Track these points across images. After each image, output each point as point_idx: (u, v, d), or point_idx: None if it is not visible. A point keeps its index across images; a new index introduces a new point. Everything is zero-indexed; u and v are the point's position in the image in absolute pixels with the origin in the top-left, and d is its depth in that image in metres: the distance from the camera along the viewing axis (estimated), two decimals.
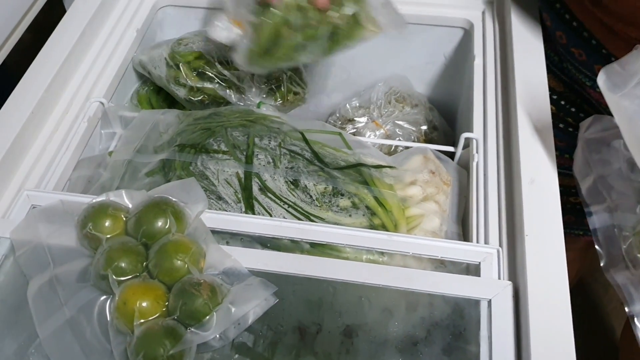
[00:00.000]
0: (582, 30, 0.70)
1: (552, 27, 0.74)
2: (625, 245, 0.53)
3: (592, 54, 0.70)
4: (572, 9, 0.71)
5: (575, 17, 0.70)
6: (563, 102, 0.80)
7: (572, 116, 0.81)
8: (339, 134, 0.73)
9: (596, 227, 0.55)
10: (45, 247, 0.59)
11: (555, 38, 0.74)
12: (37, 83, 0.71)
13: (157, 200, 0.58)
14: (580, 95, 0.78)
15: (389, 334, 0.55)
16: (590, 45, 0.70)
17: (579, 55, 0.71)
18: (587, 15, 0.69)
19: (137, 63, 0.83)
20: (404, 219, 0.65)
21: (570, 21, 0.71)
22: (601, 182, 0.56)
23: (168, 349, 0.49)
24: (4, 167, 0.65)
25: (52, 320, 0.55)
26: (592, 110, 0.78)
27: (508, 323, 0.54)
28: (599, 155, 0.56)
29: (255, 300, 0.53)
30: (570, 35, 0.72)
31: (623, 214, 0.54)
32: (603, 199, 0.55)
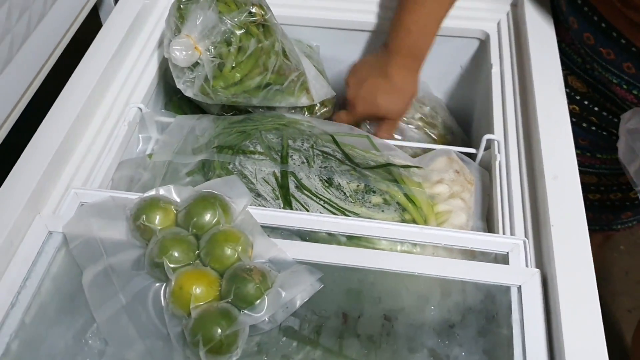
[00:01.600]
0: (611, 31, 0.74)
1: (579, 29, 0.79)
2: None
3: (622, 53, 0.74)
4: (601, 11, 0.75)
5: (604, 18, 0.75)
6: (586, 102, 0.85)
7: (596, 115, 0.85)
8: (367, 136, 0.78)
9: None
10: (97, 240, 0.62)
11: (582, 40, 0.79)
12: (80, 89, 0.75)
13: (205, 194, 0.62)
14: (604, 94, 0.82)
15: (426, 317, 0.58)
16: (619, 44, 0.74)
17: (607, 54, 0.76)
18: (616, 16, 0.73)
19: (169, 76, 0.87)
20: (433, 215, 0.69)
21: (598, 22, 0.76)
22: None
23: (224, 329, 0.52)
24: (53, 167, 0.69)
25: (108, 306, 0.58)
26: (615, 108, 0.83)
27: (538, 308, 0.58)
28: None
29: (302, 285, 0.57)
30: (598, 36, 0.76)
31: None
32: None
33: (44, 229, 0.65)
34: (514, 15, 0.89)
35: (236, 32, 0.74)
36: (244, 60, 0.74)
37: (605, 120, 0.86)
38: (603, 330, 0.54)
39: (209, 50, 0.73)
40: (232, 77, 0.75)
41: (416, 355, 0.56)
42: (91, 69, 0.78)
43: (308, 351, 0.56)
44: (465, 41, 0.93)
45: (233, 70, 0.74)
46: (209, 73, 0.73)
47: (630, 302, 1.60)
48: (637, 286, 1.66)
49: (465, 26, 0.91)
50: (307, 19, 0.94)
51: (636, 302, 1.59)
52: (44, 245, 0.64)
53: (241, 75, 0.75)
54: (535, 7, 0.85)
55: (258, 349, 0.56)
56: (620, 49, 0.75)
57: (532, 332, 0.56)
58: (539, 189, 0.66)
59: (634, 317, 1.36)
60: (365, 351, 0.56)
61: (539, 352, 0.55)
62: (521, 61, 0.82)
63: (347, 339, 0.57)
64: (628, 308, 1.58)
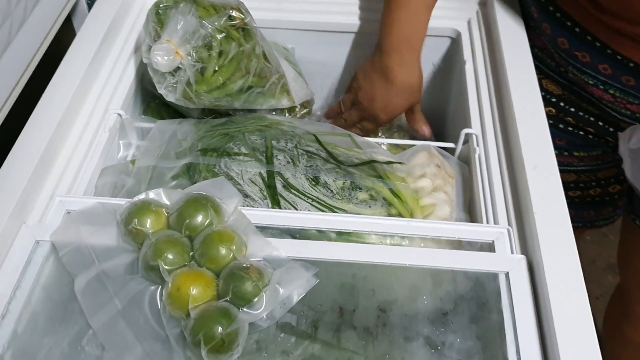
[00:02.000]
0: (586, 35, 0.77)
1: (553, 35, 0.82)
2: None
3: (597, 55, 0.77)
4: (574, 16, 0.78)
5: (578, 23, 0.77)
6: (562, 103, 0.88)
7: (572, 116, 0.88)
8: (349, 135, 0.79)
9: None
10: (88, 246, 0.62)
11: (556, 44, 0.81)
12: (59, 97, 0.75)
13: (197, 196, 0.62)
14: (579, 95, 0.85)
15: (420, 307, 0.60)
16: (594, 47, 0.77)
17: (583, 57, 0.78)
18: (589, 20, 0.76)
19: (148, 82, 0.87)
20: (419, 208, 0.71)
21: (572, 27, 0.78)
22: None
23: (225, 328, 0.53)
24: (36, 176, 0.68)
25: (104, 311, 0.58)
26: (591, 108, 0.86)
27: (526, 292, 0.60)
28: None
29: (298, 281, 0.58)
30: (573, 41, 0.79)
31: None
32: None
33: (31, 238, 0.64)
34: (484, 13, 0.92)
35: (217, 36, 0.74)
36: (225, 64, 0.75)
37: (582, 120, 0.89)
38: (590, 309, 0.57)
39: (190, 54, 0.73)
40: (214, 81, 0.75)
41: (412, 344, 0.57)
42: (69, 77, 0.77)
43: (307, 346, 0.57)
44: (437, 40, 0.95)
45: (215, 74, 0.75)
46: (191, 77, 0.73)
47: (597, 289, 1.65)
48: (604, 273, 1.71)
49: (437, 25, 0.93)
50: (281, 22, 0.95)
51: (603, 289, 1.64)
52: (31, 255, 0.63)
53: (223, 79, 0.75)
54: (503, 5, 0.88)
55: (257, 346, 0.57)
56: (595, 51, 0.78)
57: (522, 315, 0.58)
58: (520, 179, 0.68)
59: (602, 304, 1.40)
60: (363, 342, 0.57)
61: (530, 334, 0.57)
62: (493, 57, 0.85)
63: (344, 332, 0.58)
64: (596, 295, 1.63)
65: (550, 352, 0.55)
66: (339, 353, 0.57)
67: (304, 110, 0.89)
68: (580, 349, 0.54)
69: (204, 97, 0.75)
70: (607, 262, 1.72)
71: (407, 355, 0.57)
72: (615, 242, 1.76)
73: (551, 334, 0.55)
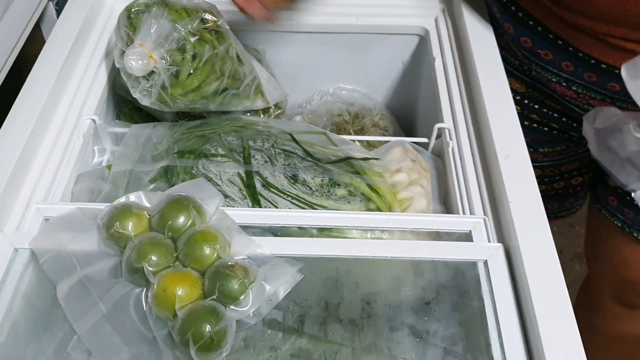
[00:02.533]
0: (548, 33, 0.79)
1: (516, 34, 0.84)
2: None
3: (559, 53, 0.79)
4: (536, 15, 0.80)
5: (540, 22, 0.80)
6: (526, 101, 0.90)
7: (536, 112, 0.90)
8: (324, 133, 0.80)
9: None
10: (68, 252, 0.61)
11: (519, 43, 0.84)
12: (31, 104, 0.74)
13: (178, 197, 0.62)
14: (543, 92, 0.88)
15: (403, 297, 0.61)
16: (557, 45, 0.79)
17: (545, 55, 0.81)
18: (551, 19, 0.78)
19: (119, 87, 0.87)
20: (397, 202, 0.72)
21: (534, 26, 0.80)
22: (630, 163, 0.63)
23: (213, 326, 0.53)
24: (11, 184, 0.67)
25: (89, 316, 0.58)
26: (554, 104, 0.88)
27: (505, 278, 0.62)
28: (616, 141, 0.64)
29: (283, 277, 0.58)
30: (535, 39, 0.81)
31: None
32: (638, 177, 0.63)
33: (9, 246, 0.63)
34: (450, 10, 0.94)
35: (190, 39, 0.75)
36: (200, 66, 0.75)
37: (546, 117, 0.91)
38: (567, 290, 0.59)
39: (164, 58, 0.74)
40: (189, 84, 0.75)
41: (397, 334, 0.58)
42: (40, 84, 0.76)
43: (294, 340, 0.58)
44: (405, 38, 0.97)
45: (190, 77, 0.75)
46: (166, 81, 0.73)
47: (566, 278, 1.68)
48: (571, 263, 1.76)
49: (405, 23, 0.95)
50: (249, 24, 0.95)
51: (572, 278, 1.68)
52: (10, 263, 0.62)
53: (198, 82, 0.76)
54: (469, 2, 0.90)
55: (245, 343, 0.57)
56: (557, 49, 0.80)
57: (502, 301, 0.60)
58: (493, 169, 0.70)
59: (571, 292, 1.44)
60: (349, 335, 0.58)
61: (510, 318, 0.59)
62: (461, 52, 0.87)
63: (330, 325, 0.59)
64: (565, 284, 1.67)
65: (531, 334, 0.57)
66: (326, 346, 0.57)
67: (278, 111, 0.89)
68: (559, 328, 0.56)
69: (179, 101, 0.76)
70: (574, 251, 1.77)
71: (393, 345, 0.58)
72: (580, 232, 1.81)
73: (531, 317, 0.57)
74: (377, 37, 0.97)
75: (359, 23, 0.95)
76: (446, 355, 0.57)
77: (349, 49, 0.99)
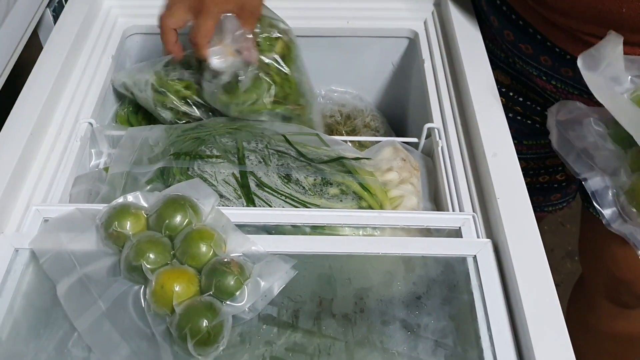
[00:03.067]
0: (528, 27, 0.82)
1: (500, 27, 0.86)
2: (620, 202, 0.63)
3: (538, 47, 0.82)
4: (517, 10, 0.83)
5: (521, 16, 0.82)
6: (511, 93, 0.92)
7: (520, 105, 0.93)
8: (316, 134, 0.81)
9: (593, 190, 0.65)
10: (68, 252, 0.63)
11: (503, 36, 0.86)
12: (30, 108, 0.75)
13: (174, 197, 0.64)
14: (526, 85, 0.90)
15: (395, 292, 0.63)
16: (536, 40, 0.81)
17: (526, 49, 0.83)
18: (531, 14, 0.81)
19: (119, 85, 0.88)
20: (388, 200, 0.74)
21: (516, 20, 0.83)
22: (584, 153, 0.66)
23: (210, 321, 0.55)
24: (11, 186, 0.69)
25: (88, 314, 0.59)
26: (537, 97, 0.90)
27: (494, 273, 0.64)
28: (575, 133, 0.66)
29: (278, 273, 0.60)
30: (517, 33, 0.84)
31: (611, 177, 0.64)
32: (591, 167, 0.65)
33: (9, 247, 0.65)
34: (438, 13, 0.96)
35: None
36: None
37: (529, 109, 0.94)
38: (554, 283, 0.61)
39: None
40: (247, 97, 0.79)
41: (390, 327, 0.60)
42: (38, 88, 0.78)
43: (289, 335, 0.59)
44: (395, 40, 0.99)
45: (249, 90, 0.78)
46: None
47: (558, 276, 1.72)
48: (563, 261, 1.78)
49: (394, 26, 0.97)
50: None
51: (563, 277, 1.70)
52: (11, 263, 0.64)
53: (257, 97, 0.79)
54: (458, 5, 0.92)
55: (241, 338, 0.59)
56: (536, 43, 0.82)
57: (491, 294, 0.62)
58: (482, 167, 0.72)
59: (563, 290, 1.46)
60: (342, 329, 0.60)
61: (499, 311, 0.60)
62: (450, 54, 0.89)
63: (324, 320, 0.60)
64: (556, 282, 1.68)
65: (519, 326, 0.58)
66: (320, 340, 0.59)
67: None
68: (547, 320, 0.57)
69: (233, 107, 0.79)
70: (565, 250, 1.79)
71: (385, 338, 0.59)
72: (571, 231, 1.83)
73: (519, 310, 0.59)
74: (367, 40, 0.99)
75: (349, 26, 0.97)
76: (437, 347, 0.59)
77: (340, 51, 1.01)
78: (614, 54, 0.64)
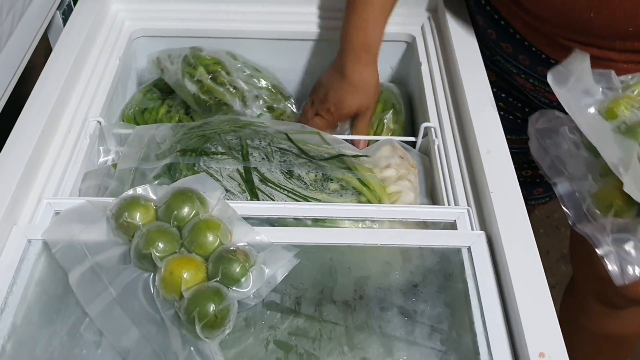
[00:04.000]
0: (509, 27, 0.86)
1: (484, 26, 0.90)
2: (585, 205, 0.66)
3: (517, 46, 0.86)
4: (500, 10, 0.86)
5: (502, 16, 0.86)
6: (495, 89, 0.95)
7: (503, 101, 0.97)
8: (317, 133, 0.85)
9: (561, 193, 0.68)
10: (80, 242, 0.66)
11: (487, 35, 0.90)
12: (42, 107, 0.78)
13: (182, 189, 0.67)
14: (509, 82, 0.94)
15: (392, 280, 0.66)
16: (515, 39, 0.85)
17: (507, 48, 0.87)
18: (511, 15, 0.85)
19: (153, 59, 0.91)
20: (386, 195, 0.77)
21: (498, 20, 0.87)
22: (557, 160, 0.69)
23: (217, 305, 0.58)
24: (24, 180, 0.72)
25: (100, 300, 0.62)
26: (519, 95, 0.94)
27: (487, 263, 0.66)
28: (551, 141, 0.70)
29: (281, 261, 0.63)
30: (499, 32, 0.88)
31: (579, 182, 0.67)
32: (562, 172, 0.68)
33: (22, 237, 0.68)
34: (435, 18, 1.00)
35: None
36: None
37: (512, 106, 0.98)
38: (544, 272, 0.63)
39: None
40: None
41: (388, 313, 0.63)
42: (49, 88, 0.81)
43: (292, 320, 0.62)
44: (394, 44, 1.02)
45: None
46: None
47: (552, 278, 1.75)
48: (558, 264, 1.81)
49: (393, 31, 1.00)
50: (246, 32, 1.00)
51: (558, 278, 1.73)
52: (25, 253, 0.67)
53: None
54: (453, 10, 0.95)
55: (246, 323, 0.62)
56: (516, 43, 0.86)
57: (485, 283, 0.65)
58: (476, 163, 0.75)
59: (558, 292, 1.49)
60: (343, 315, 0.63)
61: (492, 298, 0.63)
62: (446, 57, 0.92)
63: (325, 306, 0.63)
64: (552, 284, 1.71)
65: (511, 312, 0.61)
66: (321, 325, 0.62)
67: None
68: (537, 305, 0.60)
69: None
70: (560, 252, 1.82)
71: (384, 323, 0.62)
72: (566, 234, 1.86)
73: (511, 297, 0.62)
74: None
75: None
76: (433, 332, 0.62)
77: None
78: (581, 69, 0.67)
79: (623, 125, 0.66)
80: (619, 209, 0.63)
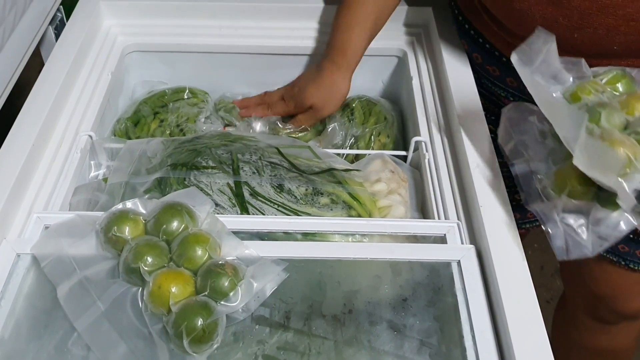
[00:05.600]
0: (494, 50, 0.86)
1: (470, 50, 0.91)
2: (540, 185, 0.66)
3: (504, 69, 0.86)
4: (484, 34, 0.87)
5: (487, 39, 0.86)
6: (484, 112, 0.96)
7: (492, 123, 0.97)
8: (308, 147, 0.85)
9: (517, 173, 0.68)
10: (68, 256, 0.65)
11: (472, 59, 0.90)
12: (33, 120, 0.78)
13: (172, 203, 0.67)
14: (496, 104, 0.94)
15: (382, 295, 0.65)
16: (501, 62, 0.86)
17: (493, 71, 0.88)
18: (495, 37, 0.85)
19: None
20: (376, 209, 0.77)
21: (483, 44, 0.87)
22: (520, 144, 0.69)
23: (205, 319, 0.57)
24: (14, 194, 0.71)
25: (88, 314, 0.62)
26: None
27: (476, 277, 0.66)
28: (518, 127, 0.70)
29: (270, 275, 0.63)
30: (484, 56, 0.88)
31: (538, 163, 0.67)
32: (522, 154, 0.68)
33: (11, 252, 0.67)
34: (426, 33, 1.00)
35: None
36: None
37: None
38: (533, 286, 0.63)
39: None
40: None
41: (377, 327, 0.63)
42: (41, 102, 0.81)
43: (280, 334, 0.62)
44: (385, 59, 1.03)
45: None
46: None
47: (547, 293, 1.74)
48: (552, 279, 1.80)
49: (384, 46, 1.00)
50: (231, 47, 1.01)
51: (553, 293, 1.73)
52: (13, 267, 0.66)
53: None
54: (444, 25, 0.96)
55: (235, 337, 0.61)
56: (503, 66, 0.87)
57: (474, 297, 0.65)
58: (466, 178, 0.75)
59: (552, 307, 1.49)
60: (332, 329, 0.63)
61: (482, 312, 0.63)
62: (437, 71, 0.93)
63: (314, 321, 0.63)
64: (546, 299, 1.72)
65: (500, 326, 0.61)
66: (310, 339, 0.62)
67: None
68: (526, 320, 0.60)
69: None
70: (554, 267, 1.82)
71: (373, 338, 0.62)
72: None
73: (500, 311, 0.62)
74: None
75: None
76: (422, 346, 0.62)
77: None
78: (547, 50, 0.67)
79: (584, 107, 0.65)
80: (573, 189, 0.62)
